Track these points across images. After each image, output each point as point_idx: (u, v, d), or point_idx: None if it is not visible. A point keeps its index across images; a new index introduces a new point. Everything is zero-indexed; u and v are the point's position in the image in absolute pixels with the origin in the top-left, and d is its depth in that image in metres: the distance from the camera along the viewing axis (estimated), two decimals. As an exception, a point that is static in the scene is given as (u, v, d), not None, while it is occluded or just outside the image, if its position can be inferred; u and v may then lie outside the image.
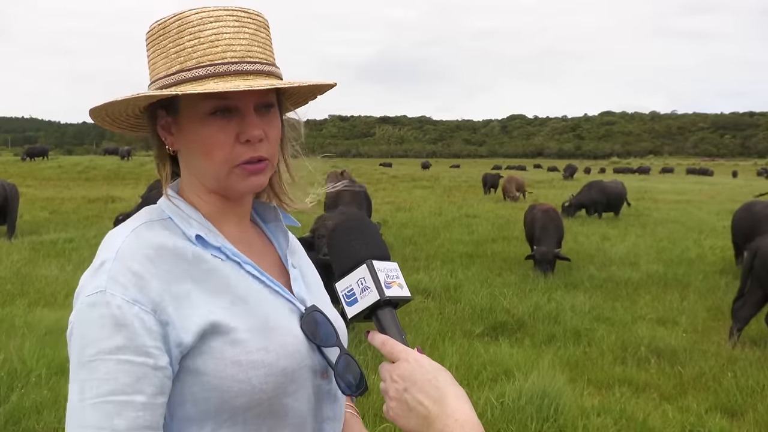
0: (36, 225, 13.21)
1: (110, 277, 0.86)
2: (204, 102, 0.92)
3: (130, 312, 0.84)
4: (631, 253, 10.66)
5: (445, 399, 0.83)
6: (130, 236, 0.92)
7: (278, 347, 0.93)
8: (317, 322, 1.00)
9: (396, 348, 0.89)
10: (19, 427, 3.83)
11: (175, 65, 0.92)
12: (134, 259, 0.88)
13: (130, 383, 0.83)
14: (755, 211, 9.03)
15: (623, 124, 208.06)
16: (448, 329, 6.17)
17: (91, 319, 0.85)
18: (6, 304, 6.67)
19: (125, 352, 0.83)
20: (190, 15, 0.92)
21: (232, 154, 0.94)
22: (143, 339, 0.84)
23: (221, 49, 0.92)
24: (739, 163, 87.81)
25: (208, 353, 0.89)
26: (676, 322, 6.60)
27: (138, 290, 0.86)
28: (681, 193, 27.01)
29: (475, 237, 12.45)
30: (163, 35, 0.94)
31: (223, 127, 0.93)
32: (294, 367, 0.94)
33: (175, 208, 0.98)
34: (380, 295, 0.91)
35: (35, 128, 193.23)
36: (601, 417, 4.19)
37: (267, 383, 0.91)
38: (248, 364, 0.90)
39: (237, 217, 1.04)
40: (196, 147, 0.95)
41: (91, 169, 33.54)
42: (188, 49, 0.92)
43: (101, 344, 0.83)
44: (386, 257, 0.96)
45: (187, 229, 0.96)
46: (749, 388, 4.77)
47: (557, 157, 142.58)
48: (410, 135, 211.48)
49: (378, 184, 28.89)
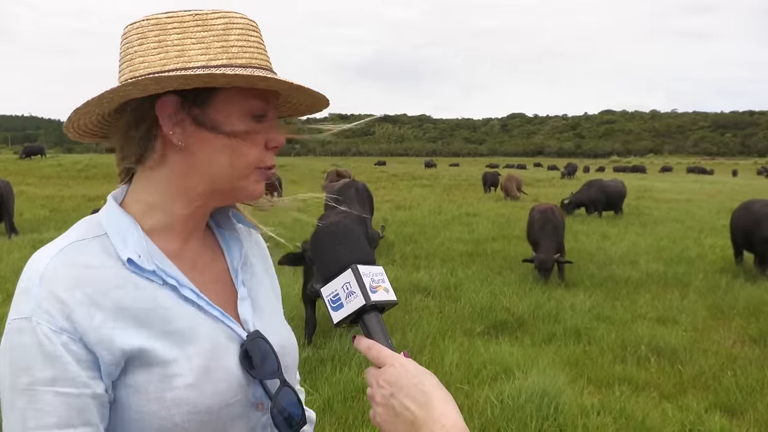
0: (36, 223, 13.22)
1: (36, 305, 0.82)
2: (249, 101, 0.93)
3: (59, 341, 0.81)
4: (631, 252, 10.66)
5: (432, 403, 0.82)
6: (56, 258, 0.86)
7: (207, 383, 0.88)
8: (260, 350, 0.95)
9: (382, 353, 0.88)
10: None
11: (220, 58, 0.90)
12: (59, 284, 0.84)
13: (75, 416, 0.81)
14: (754, 210, 9.03)
15: (623, 122, 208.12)
16: (449, 328, 6.17)
17: (21, 345, 0.81)
18: (6, 302, 6.68)
19: (61, 384, 0.81)
20: (237, 18, 0.93)
21: (261, 157, 0.96)
22: (76, 369, 0.81)
23: (264, 56, 0.95)
24: (739, 162, 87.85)
25: (132, 386, 0.85)
26: (676, 321, 6.60)
27: (65, 318, 0.82)
28: (681, 192, 27.00)
29: (475, 236, 12.45)
30: (202, 26, 0.91)
31: (259, 131, 0.95)
32: (221, 405, 0.89)
33: (113, 223, 0.93)
34: (366, 300, 0.91)
35: (35, 126, 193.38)
36: (600, 416, 4.19)
37: (190, 421, 0.86)
38: (172, 400, 0.85)
39: (186, 230, 0.98)
40: (228, 146, 0.93)
41: (91, 168, 33.51)
42: (237, 48, 0.92)
43: (35, 374, 0.80)
44: (371, 262, 0.96)
45: (121, 249, 0.90)
46: (749, 387, 4.77)
47: (557, 155, 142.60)
48: (410, 134, 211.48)
49: (378, 182, 28.89)
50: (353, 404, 4.25)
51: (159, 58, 0.89)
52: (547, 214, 8.83)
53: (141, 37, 0.91)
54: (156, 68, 0.89)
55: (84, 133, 0.98)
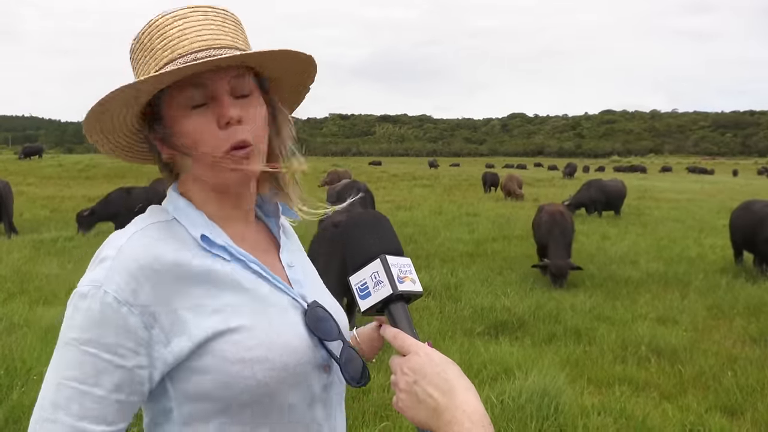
0: (37, 223, 13.22)
1: (108, 275, 0.89)
2: (181, 94, 0.94)
3: (117, 310, 0.87)
4: (632, 252, 10.67)
5: (454, 391, 0.84)
6: (135, 236, 0.93)
7: (281, 343, 0.96)
8: (319, 317, 1.03)
9: (407, 341, 0.91)
10: (20, 426, 3.83)
11: (150, 70, 0.94)
12: (135, 260, 0.90)
13: (92, 375, 0.87)
14: (754, 210, 9.02)
15: (624, 122, 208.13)
16: (449, 328, 6.18)
17: (80, 308, 0.89)
18: (6, 302, 6.68)
19: (95, 345, 0.87)
20: (157, 19, 0.95)
21: (218, 141, 0.94)
22: (117, 338, 0.87)
23: (189, 41, 0.93)
24: (739, 162, 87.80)
25: (212, 353, 0.92)
26: (676, 321, 6.60)
27: (131, 292, 0.88)
28: (681, 192, 26.99)
29: (475, 236, 12.45)
30: (139, 48, 0.96)
31: (203, 115, 0.94)
32: (295, 363, 0.97)
33: (180, 209, 1.00)
34: (393, 289, 0.93)
35: (35, 126, 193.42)
36: (601, 416, 4.20)
37: (271, 378, 0.94)
38: (251, 360, 0.92)
39: (241, 215, 1.06)
40: (185, 145, 0.96)
41: (92, 168, 33.52)
42: (158, 51, 0.94)
43: (78, 333, 0.88)
44: (400, 252, 0.98)
45: (192, 228, 0.98)
46: (749, 387, 4.77)
47: (558, 155, 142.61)
48: (410, 134, 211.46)
49: (378, 182, 28.88)
50: (353, 404, 4.25)
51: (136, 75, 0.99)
52: (557, 218, 8.64)
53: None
54: None
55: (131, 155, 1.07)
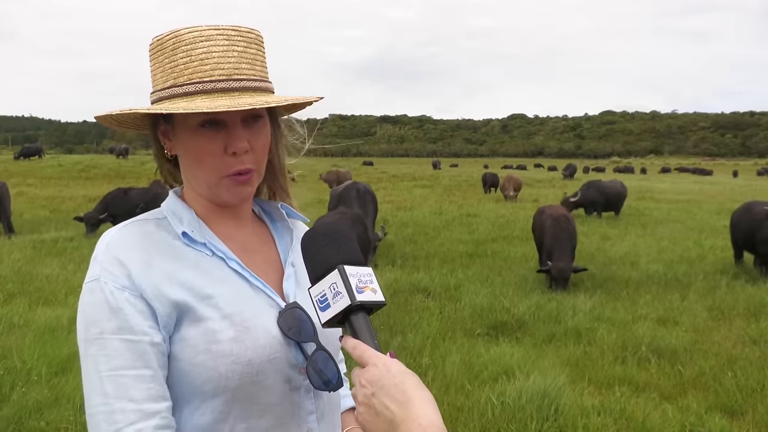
0: (37, 224, 13.22)
1: (102, 268, 0.97)
2: (194, 115, 1.00)
3: (122, 297, 0.95)
4: (632, 253, 10.66)
5: (411, 403, 0.83)
6: (120, 231, 1.03)
7: (248, 339, 0.99)
8: (296, 318, 1.04)
9: (366, 353, 0.90)
10: (21, 425, 3.84)
11: (169, 80, 1.00)
12: (121, 249, 0.99)
13: (137, 358, 0.94)
14: (755, 211, 9.03)
15: (624, 123, 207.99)
16: (449, 329, 6.18)
17: (92, 302, 0.96)
18: (6, 302, 6.68)
19: (125, 332, 0.94)
20: (184, 33, 1.00)
21: (222, 164, 1.02)
22: (137, 320, 0.95)
23: (210, 67, 0.99)
24: (739, 163, 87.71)
25: (183, 340, 0.97)
26: (676, 322, 6.60)
27: (126, 278, 0.96)
28: (681, 193, 26.99)
29: (475, 236, 12.45)
30: (160, 50, 1.02)
31: (211, 139, 1.01)
32: (261, 359, 0.99)
33: (171, 208, 1.08)
34: (351, 300, 0.91)
35: (35, 127, 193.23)
36: (601, 416, 4.20)
37: (233, 372, 0.97)
38: (217, 352, 0.97)
39: (233, 217, 1.11)
40: (189, 155, 1.04)
41: (92, 168, 33.53)
42: (180, 66, 0.99)
43: (103, 324, 0.94)
44: (360, 262, 0.96)
45: (177, 226, 1.05)
46: (749, 388, 4.77)
47: (558, 156, 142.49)
48: (411, 134, 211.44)
49: (378, 183, 28.87)
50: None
51: (152, 84, 1.04)
52: (561, 222, 8.45)
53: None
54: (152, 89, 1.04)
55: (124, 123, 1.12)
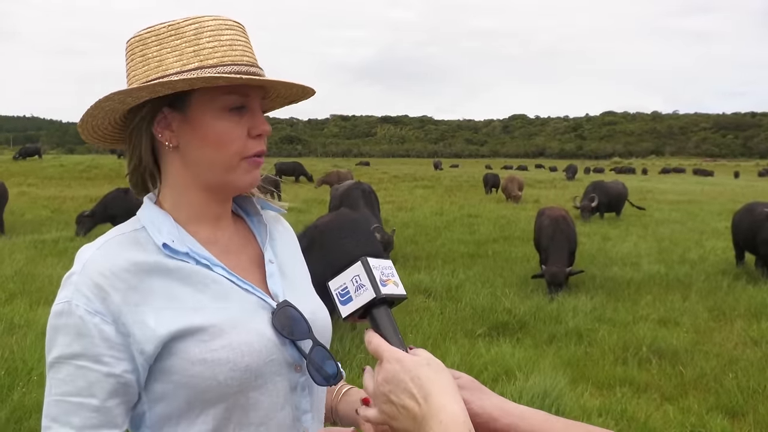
0: (38, 224, 13.23)
1: (76, 289, 0.94)
2: (225, 97, 1.00)
3: (91, 322, 0.92)
4: (633, 254, 10.65)
5: (429, 398, 0.80)
6: (99, 250, 0.98)
7: (242, 344, 0.98)
8: (289, 317, 1.04)
9: (380, 347, 0.86)
10: (21, 425, 3.84)
11: (193, 62, 0.98)
12: (98, 272, 0.95)
13: (85, 387, 0.92)
14: (757, 212, 9.02)
15: (625, 124, 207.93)
16: (450, 329, 6.17)
17: (57, 326, 0.94)
18: (7, 302, 6.68)
19: (82, 359, 0.92)
20: (208, 20, 1.01)
21: (245, 147, 1.03)
22: (99, 348, 0.92)
23: (239, 52, 1.01)
24: (740, 164, 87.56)
25: (176, 354, 0.95)
26: (677, 323, 6.60)
27: (100, 302, 0.93)
28: (682, 194, 26.96)
29: (476, 237, 12.45)
30: (175, 36, 1.00)
31: (238, 122, 1.02)
32: (259, 363, 0.99)
33: (148, 217, 1.04)
34: (376, 293, 0.88)
35: (37, 127, 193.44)
36: (602, 417, 4.19)
37: (233, 379, 0.96)
38: (213, 361, 0.95)
39: (214, 218, 1.09)
40: (209, 141, 1.01)
41: (93, 168, 33.51)
42: (208, 49, 0.99)
43: (63, 350, 0.93)
44: (380, 255, 0.96)
45: (156, 237, 1.01)
46: (750, 389, 4.77)
47: (559, 157, 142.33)
48: (412, 135, 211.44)
49: (380, 183, 28.86)
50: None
51: (144, 71, 1.00)
52: (559, 223, 8.27)
53: (130, 53, 1.02)
54: (141, 80, 0.99)
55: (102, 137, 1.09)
